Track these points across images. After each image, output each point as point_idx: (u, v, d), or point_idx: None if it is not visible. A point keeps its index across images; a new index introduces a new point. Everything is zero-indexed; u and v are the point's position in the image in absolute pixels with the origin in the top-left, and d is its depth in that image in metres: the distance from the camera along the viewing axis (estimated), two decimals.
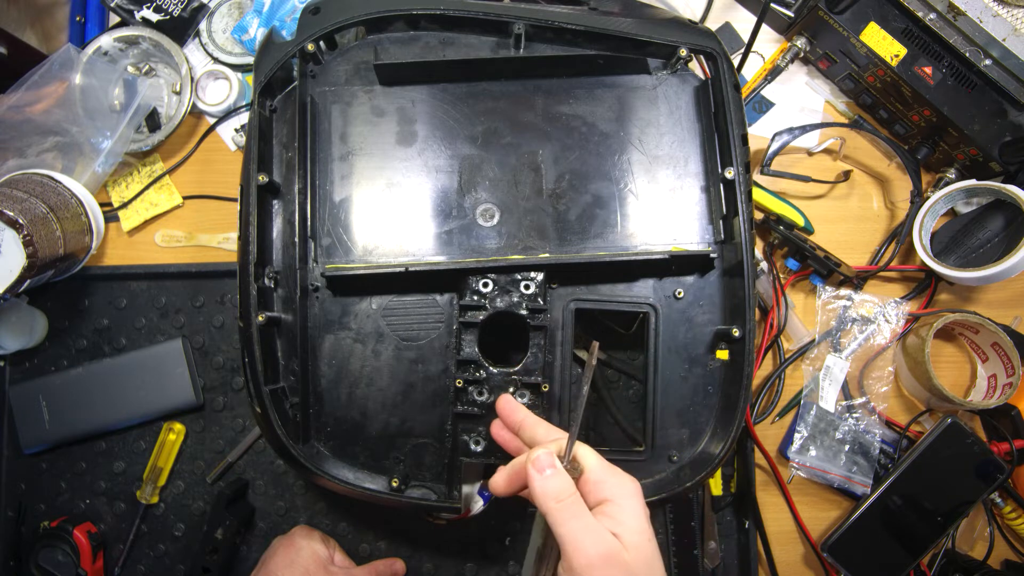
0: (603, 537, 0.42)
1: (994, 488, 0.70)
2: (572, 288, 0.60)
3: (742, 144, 0.60)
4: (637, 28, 0.63)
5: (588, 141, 0.63)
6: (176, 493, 0.75)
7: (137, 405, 0.74)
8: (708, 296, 0.61)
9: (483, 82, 0.63)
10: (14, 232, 0.64)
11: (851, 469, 0.72)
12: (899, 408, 0.76)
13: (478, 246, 0.61)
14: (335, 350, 0.60)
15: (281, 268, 0.60)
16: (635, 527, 0.42)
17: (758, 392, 0.75)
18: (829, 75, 0.79)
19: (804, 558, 0.75)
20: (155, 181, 0.78)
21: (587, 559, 0.41)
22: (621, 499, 0.43)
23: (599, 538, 0.42)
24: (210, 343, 0.76)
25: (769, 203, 0.75)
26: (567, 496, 0.43)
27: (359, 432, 0.60)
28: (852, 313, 0.75)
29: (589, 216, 0.61)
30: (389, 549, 0.74)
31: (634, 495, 0.44)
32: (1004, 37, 0.66)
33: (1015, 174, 0.70)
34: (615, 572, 0.41)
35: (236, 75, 0.80)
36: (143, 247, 0.79)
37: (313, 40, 0.61)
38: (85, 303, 0.77)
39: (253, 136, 0.59)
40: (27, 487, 0.76)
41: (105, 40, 0.79)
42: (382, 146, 0.62)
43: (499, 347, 0.60)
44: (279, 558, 0.65)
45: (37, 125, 0.73)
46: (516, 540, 0.73)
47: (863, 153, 0.79)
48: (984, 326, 0.71)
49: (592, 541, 0.41)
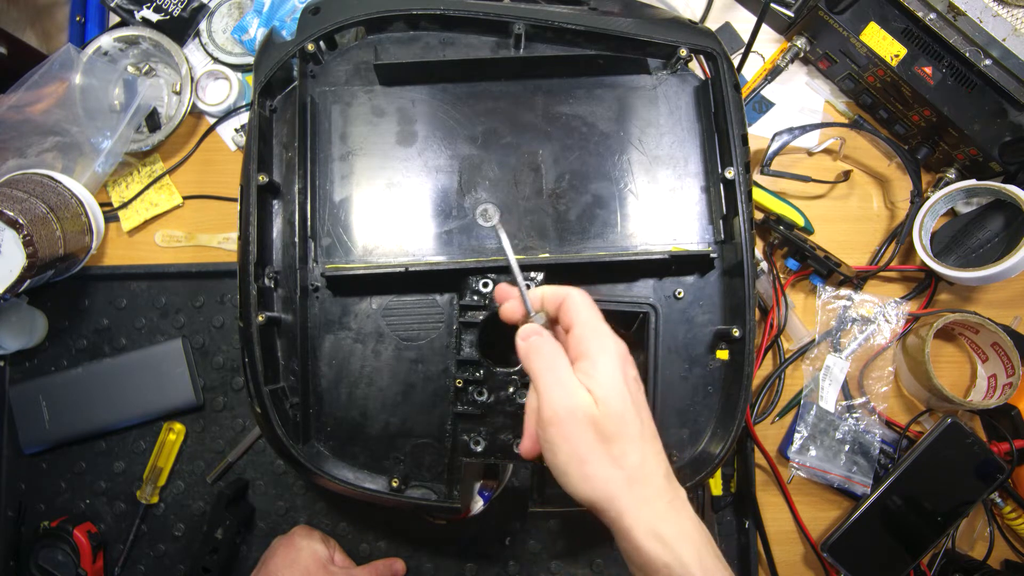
0: (570, 391, 0.42)
1: (994, 488, 0.70)
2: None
3: (742, 144, 0.60)
4: (637, 28, 0.63)
5: (588, 141, 0.63)
6: (176, 493, 0.75)
7: (137, 405, 0.74)
8: (708, 296, 0.61)
9: (483, 82, 0.63)
10: (14, 232, 0.64)
11: (851, 469, 0.72)
12: (899, 408, 0.76)
13: (478, 246, 0.61)
14: (335, 350, 0.60)
15: (281, 268, 0.60)
16: (606, 382, 0.42)
17: (758, 392, 0.75)
18: (829, 75, 0.79)
19: (804, 558, 0.75)
20: (155, 181, 0.78)
21: (552, 411, 0.42)
22: (597, 355, 0.43)
23: (565, 391, 0.42)
24: (210, 343, 0.76)
25: (769, 203, 0.75)
26: (542, 351, 0.44)
27: (359, 432, 0.60)
28: (852, 313, 0.75)
29: (589, 216, 0.61)
30: (389, 549, 0.74)
31: (610, 351, 0.44)
32: (1004, 37, 0.66)
33: (1015, 174, 0.70)
34: (579, 426, 0.42)
35: (236, 75, 0.80)
36: (143, 247, 0.79)
37: (313, 40, 0.61)
38: (85, 303, 0.77)
39: (253, 136, 0.59)
40: (27, 487, 0.76)
41: (105, 40, 0.79)
42: (382, 146, 0.62)
43: (499, 347, 0.60)
44: (279, 558, 0.65)
45: (37, 125, 0.73)
46: (516, 540, 0.73)
47: (863, 153, 0.79)
48: (984, 326, 0.71)
49: (560, 395, 0.42)
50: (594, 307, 0.46)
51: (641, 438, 0.43)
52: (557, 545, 0.73)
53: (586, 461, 0.42)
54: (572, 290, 0.47)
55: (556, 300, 0.46)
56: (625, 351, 0.45)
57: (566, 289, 0.47)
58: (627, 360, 0.45)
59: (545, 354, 0.44)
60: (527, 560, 0.73)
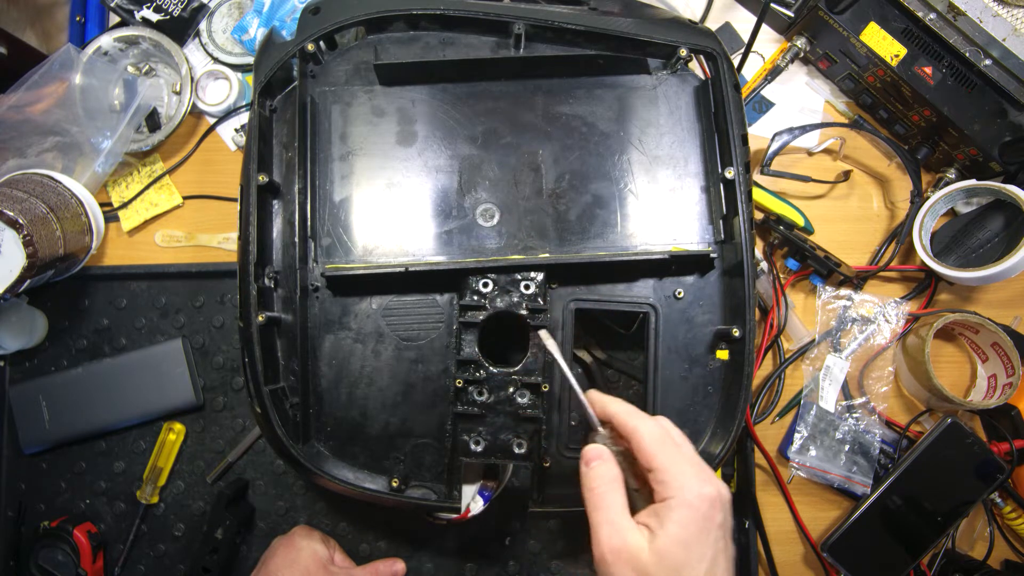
0: (619, 530, 0.41)
1: (994, 488, 0.70)
2: (572, 288, 0.60)
3: (742, 144, 0.60)
4: (637, 28, 0.63)
5: (588, 141, 0.63)
6: (176, 493, 0.75)
7: (137, 405, 0.74)
8: (708, 296, 0.61)
9: (483, 82, 0.63)
10: (14, 232, 0.64)
11: (851, 469, 0.72)
12: (899, 408, 0.76)
13: (478, 246, 0.61)
14: (335, 350, 0.60)
15: (281, 268, 0.60)
16: (672, 532, 0.40)
17: (758, 392, 0.75)
18: (829, 75, 0.79)
19: (804, 558, 0.75)
20: (155, 181, 0.78)
21: (600, 551, 0.41)
22: (676, 496, 0.40)
23: (614, 530, 0.41)
24: (210, 343, 0.76)
25: (769, 203, 0.75)
26: (597, 486, 0.42)
27: (359, 432, 0.60)
28: (852, 313, 0.75)
29: (589, 216, 0.61)
30: (389, 549, 0.74)
31: (689, 504, 0.40)
32: (1004, 37, 0.66)
33: (1015, 174, 0.70)
34: (625, 569, 0.40)
35: (236, 75, 0.80)
36: (143, 247, 0.79)
37: (313, 40, 0.61)
38: (85, 303, 0.77)
39: (253, 136, 0.59)
40: (27, 487, 0.76)
41: (105, 40, 0.79)
42: (382, 146, 0.62)
43: (499, 347, 0.60)
44: (279, 558, 0.65)
45: (37, 125, 0.73)
46: (516, 540, 0.73)
47: (863, 153, 0.79)
48: (984, 326, 0.71)
49: (607, 533, 0.41)
50: (674, 440, 0.43)
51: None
52: (557, 545, 0.73)
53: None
54: (643, 423, 0.43)
55: (624, 429, 0.43)
56: (715, 498, 0.41)
57: (635, 420, 0.43)
58: (712, 514, 0.41)
59: (598, 490, 0.42)
60: (527, 560, 0.73)
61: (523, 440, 0.57)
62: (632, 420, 0.44)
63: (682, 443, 0.44)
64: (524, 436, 0.57)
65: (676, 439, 0.44)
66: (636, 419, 0.44)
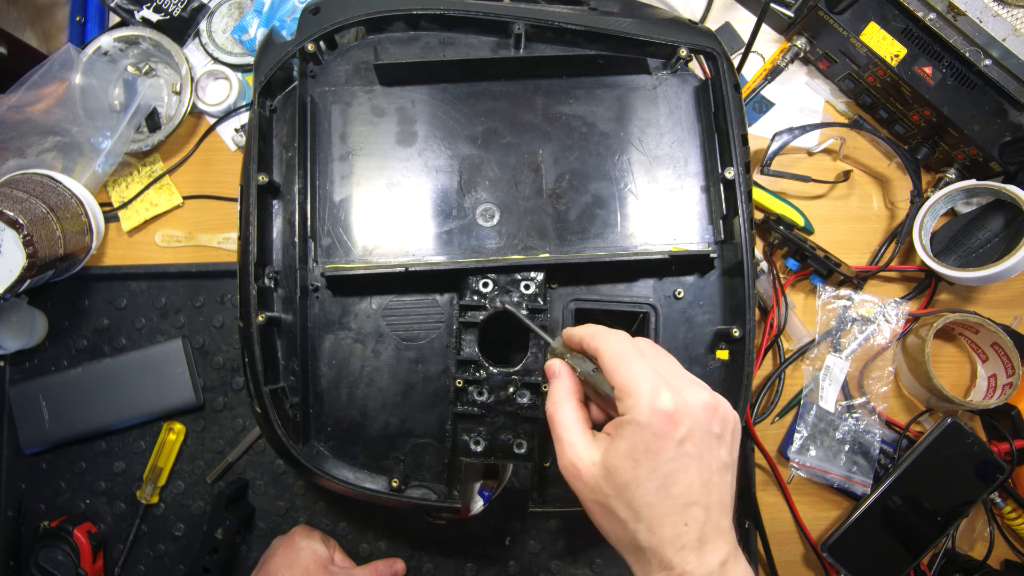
0: (572, 446, 0.41)
1: (994, 488, 0.70)
2: (572, 288, 0.60)
3: (742, 144, 0.60)
4: (637, 28, 0.63)
5: (588, 141, 0.63)
6: (176, 493, 0.75)
7: (137, 405, 0.74)
8: (708, 296, 0.61)
9: (483, 82, 0.63)
10: (14, 232, 0.64)
11: (851, 469, 0.72)
12: (899, 408, 0.76)
13: (478, 246, 0.61)
14: (335, 350, 0.60)
15: (281, 268, 0.60)
16: (621, 448, 0.39)
17: (758, 392, 0.75)
18: (829, 75, 0.79)
19: (804, 558, 0.75)
20: (155, 181, 0.78)
21: (560, 466, 0.42)
22: (628, 412, 0.39)
23: (566, 446, 0.42)
24: (210, 343, 0.76)
25: (769, 203, 0.75)
26: (553, 402, 0.43)
27: (359, 432, 0.60)
28: (852, 313, 0.75)
29: (589, 216, 0.61)
30: (389, 549, 0.74)
31: (637, 422, 0.38)
32: (1004, 37, 0.66)
33: (1015, 174, 0.70)
34: (577, 483, 0.41)
35: (236, 75, 0.80)
36: (143, 247, 0.79)
37: (313, 40, 0.61)
38: (85, 303, 0.77)
39: (253, 136, 0.59)
40: (27, 487, 0.76)
41: (105, 40, 0.79)
42: (382, 146, 0.62)
43: (499, 347, 0.60)
44: (279, 558, 0.65)
45: (37, 125, 0.73)
46: (516, 540, 0.73)
47: (863, 153, 0.79)
48: (984, 326, 0.71)
49: (560, 450, 0.42)
50: (639, 352, 0.41)
51: (650, 508, 0.38)
52: (557, 545, 0.73)
53: (593, 515, 0.41)
54: (604, 341, 0.42)
55: (591, 351, 0.43)
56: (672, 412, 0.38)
57: (599, 339, 0.43)
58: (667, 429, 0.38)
59: (553, 406, 0.43)
60: (527, 560, 0.73)
61: (523, 440, 0.57)
62: (595, 339, 0.43)
63: (651, 354, 0.42)
64: (524, 436, 0.57)
65: (644, 350, 0.42)
66: (599, 338, 0.43)
